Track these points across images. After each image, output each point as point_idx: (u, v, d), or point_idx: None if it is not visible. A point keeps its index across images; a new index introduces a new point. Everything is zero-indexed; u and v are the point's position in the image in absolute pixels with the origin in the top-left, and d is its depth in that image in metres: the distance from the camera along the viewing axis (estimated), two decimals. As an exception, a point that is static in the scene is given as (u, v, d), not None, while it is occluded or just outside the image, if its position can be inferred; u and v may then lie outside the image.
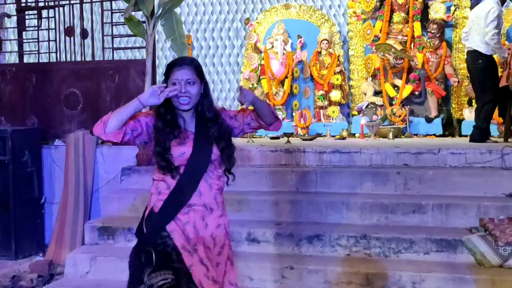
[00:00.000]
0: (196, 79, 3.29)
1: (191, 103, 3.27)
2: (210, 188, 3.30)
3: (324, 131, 10.59)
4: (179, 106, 3.27)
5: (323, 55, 11.76)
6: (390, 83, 10.92)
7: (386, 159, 6.36)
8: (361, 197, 5.77)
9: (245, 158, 6.65)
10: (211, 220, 3.31)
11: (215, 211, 3.33)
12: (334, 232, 5.27)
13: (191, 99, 3.26)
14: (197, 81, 3.29)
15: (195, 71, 3.29)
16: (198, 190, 3.26)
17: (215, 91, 12.78)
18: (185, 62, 3.31)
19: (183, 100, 3.24)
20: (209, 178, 3.29)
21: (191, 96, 3.25)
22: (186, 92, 3.23)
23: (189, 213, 3.25)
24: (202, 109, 3.34)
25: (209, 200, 3.30)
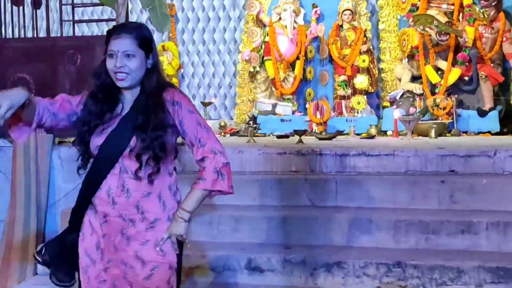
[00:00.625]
0: (138, 50, 3.30)
1: (129, 79, 3.30)
2: (127, 193, 3.32)
3: (346, 127, 10.61)
4: (116, 82, 3.32)
5: (346, 30, 11.79)
6: (432, 66, 10.93)
7: (427, 164, 6.35)
8: (394, 213, 5.76)
9: (244, 163, 6.64)
10: (133, 234, 3.35)
11: (139, 223, 3.35)
12: (360, 258, 5.25)
13: (130, 75, 3.29)
14: (139, 53, 3.31)
15: (136, 40, 3.31)
16: (111, 196, 3.33)
17: (206, 76, 12.81)
18: (123, 30, 3.33)
19: (119, 76, 3.29)
20: (127, 179, 3.31)
21: (129, 72, 3.28)
22: (123, 66, 3.27)
23: (104, 224, 3.37)
24: (144, 88, 3.37)
25: (127, 209, 3.33)
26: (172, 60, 12.21)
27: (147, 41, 3.37)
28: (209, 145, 3.31)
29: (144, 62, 3.33)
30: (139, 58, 3.31)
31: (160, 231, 3.36)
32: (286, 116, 11.47)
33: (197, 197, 3.34)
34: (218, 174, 3.31)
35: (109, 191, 3.32)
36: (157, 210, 3.37)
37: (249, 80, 12.38)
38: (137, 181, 3.31)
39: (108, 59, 3.30)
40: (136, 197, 3.32)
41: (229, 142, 8.68)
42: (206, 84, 13.00)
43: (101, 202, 3.35)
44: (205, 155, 3.29)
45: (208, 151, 3.29)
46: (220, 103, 12.96)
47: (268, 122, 11.16)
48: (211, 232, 5.80)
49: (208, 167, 3.29)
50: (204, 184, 3.29)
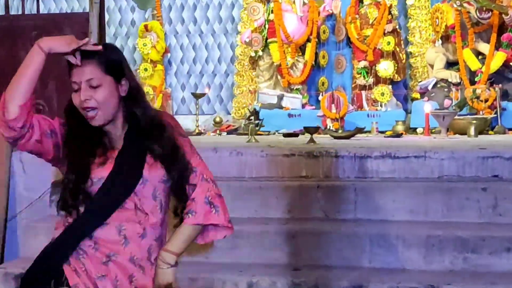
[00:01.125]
0: (104, 77, 3.23)
1: (100, 115, 3.24)
2: (144, 232, 3.32)
3: (368, 124, 10.62)
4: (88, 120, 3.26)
5: (367, 6, 11.81)
6: (472, 49, 10.94)
7: (465, 168, 6.36)
8: (426, 227, 5.77)
9: (243, 167, 6.65)
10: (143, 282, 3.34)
11: (148, 271, 3.35)
12: (384, 282, 5.27)
13: (99, 109, 3.23)
14: (107, 81, 3.24)
15: (99, 66, 3.23)
16: (122, 234, 3.29)
17: (198, 62, 12.83)
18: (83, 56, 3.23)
19: (88, 113, 3.22)
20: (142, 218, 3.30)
21: (97, 106, 3.21)
22: (88, 99, 3.21)
23: (108, 264, 3.28)
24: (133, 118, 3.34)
25: (139, 252, 3.32)
26: (157, 43, 12.23)
27: (115, 64, 3.29)
28: (201, 171, 3.34)
29: (116, 90, 3.27)
30: (108, 87, 3.24)
31: None
32: (294, 111, 11.50)
33: (186, 236, 3.35)
34: (210, 205, 3.30)
35: (120, 226, 3.28)
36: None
37: (249, 67, 12.42)
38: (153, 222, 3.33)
39: (73, 95, 3.25)
40: (150, 238, 3.33)
41: (226, 141, 8.70)
42: (197, 71, 13.04)
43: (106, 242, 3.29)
44: (195, 183, 3.31)
45: (198, 177, 3.32)
46: (214, 94, 12.99)
47: (272, 117, 11.17)
48: (204, 250, 5.82)
49: (198, 197, 3.29)
50: (195, 218, 3.29)
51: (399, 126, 10.24)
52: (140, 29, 12.36)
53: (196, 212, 3.27)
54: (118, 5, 12.83)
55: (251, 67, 12.40)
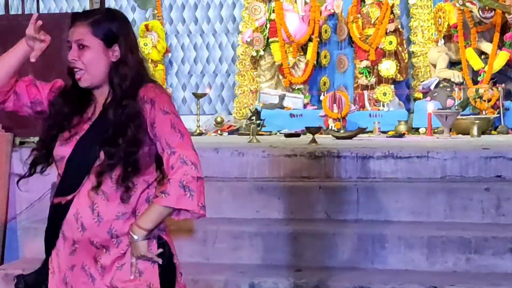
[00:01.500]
0: (93, 40, 3.27)
1: (86, 77, 3.29)
2: (98, 217, 3.30)
3: (370, 124, 10.63)
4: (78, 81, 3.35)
5: (369, 5, 11.82)
6: (474, 49, 10.95)
7: (468, 168, 6.36)
8: (428, 228, 5.77)
9: (245, 168, 6.65)
10: (108, 260, 3.35)
11: (113, 248, 3.35)
12: (387, 282, 5.27)
13: (85, 71, 3.27)
14: (96, 43, 3.27)
15: (91, 28, 3.27)
16: (79, 221, 3.30)
17: (199, 62, 12.83)
18: (78, 17, 3.33)
19: (77, 73, 3.29)
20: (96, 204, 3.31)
21: (83, 67, 3.27)
22: (75, 59, 3.28)
23: (74, 253, 3.35)
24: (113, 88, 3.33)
25: (99, 235, 3.32)
26: (158, 43, 12.24)
27: (108, 29, 3.31)
28: (180, 152, 3.24)
29: (104, 54, 3.29)
30: (95, 49, 3.27)
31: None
32: (296, 111, 11.50)
33: (157, 214, 3.31)
34: (184, 189, 3.21)
35: (76, 214, 3.30)
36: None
37: (251, 66, 12.43)
38: (108, 202, 3.30)
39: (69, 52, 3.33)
40: (108, 220, 3.31)
41: (227, 141, 8.69)
42: (198, 71, 13.05)
43: (69, 227, 3.33)
44: (173, 164, 3.23)
45: (177, 159, 3.23)
46: (216, 94, 13.00)
47: (274, 117, 11.18)
48: (205, 251, 5.82)
49: (174, 179, 3.21)
50: (167, 199, 3.23)
51: (402, 126, 10.24)
52: (140, 29, 12.37)
53: (169, 195, 3.20)
54: (118, 4, 12.84)
55: (252, 67, 12.40)
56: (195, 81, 12.97)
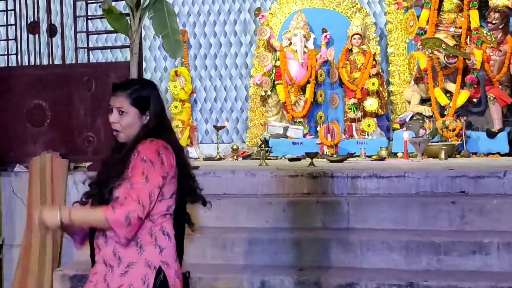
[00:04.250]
0: (130, 108, 3.37)
1: (122, 136, 3.40)
2: (105, 240, 3.33)
3: (357, 150, 10.60)
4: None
5: (355, 54, 11.81)
6: (441, 88, 10.93)
7: (438, 185, 6.32)
8: (406, 234, 5.73)
9: (256, 186, 6.62)
10: (111, 280, 3.33)
11: (116, 268, 3.32)
12: (373, 280, 5.22)
13: (121, 132, 3.39)
14: (131, 109, 3.37)
15: (127, 98, 3.37)
16: (97, 243, 3.38)
17: (218, 100, 12.82)
18: (118, 87, 3.41)
19: (114, 131, 3.43)
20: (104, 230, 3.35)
21: (119, 129, 3.39)
22: (115, 122, 3.38)
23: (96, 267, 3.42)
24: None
25: (108, 255, 3.34)
26: (185, 85, 12.24)
27: (141, 99, 3.39)
28: (138, 193, 3.18)
29: (139, 119, 3.38)
30: (132, 116, 3.37)
31: (134, 276, 3.29)
32: (297, 139, 11.47)
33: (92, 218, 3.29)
34: (126, 220, 3.16)
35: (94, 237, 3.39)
36: (132, 255, 3.31)
37: (260, 104, 12.41)
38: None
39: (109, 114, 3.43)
40: (112, 243, 3.31)
41: (242, 165, 8.67)
42: (218, 108, 13.03)
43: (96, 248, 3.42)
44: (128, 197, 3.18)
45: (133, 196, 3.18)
46: (232, 126, 12.97)
47: (279, 145, 11.15)
48: (224, 255, 5.78)
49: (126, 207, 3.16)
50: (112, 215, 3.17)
51: (383, 151, 10.20)
52: (171, 74, 12.38)
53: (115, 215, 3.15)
54: (153, 55, 12.86)
55: (261, 104, 12.39)
56: (215, 116, 12.95)
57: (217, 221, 6.14)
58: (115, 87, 3.42)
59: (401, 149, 10.05)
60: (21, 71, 7.81)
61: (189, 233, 3.64)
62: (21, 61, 7.96)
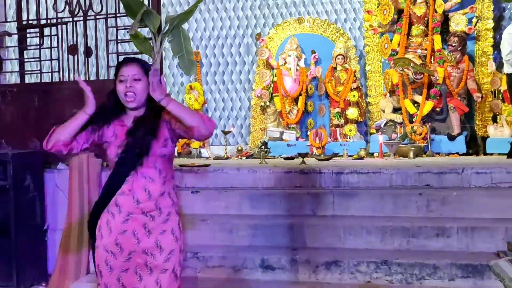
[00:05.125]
0: (143, 76, 3.38)
1: (136, 100, 3.38)
2: (148, 196, 3.35)
3: (340, 150, 10.58)
4: (125, 103, 3.40)
5: (339, 71, 11.78)
6: (410, 99, 10.91)
7: (407, 180, 6.32)
8: (381, 220, 5.74)
9: (257, 180, 6.63)
10: (154, 226, 3.38)
11: (157, 217, 3.39)
12: (353, 258, 5.23)
13: (137, 96, 3.37)
14: (144, 78, 3.38)
15: (141, 68, 3.40)
16: (136, 198, 3.33)
17: (226, 110, 12.82)
18: (131, 60, 3.45)
19: (129, 96, 3.36)
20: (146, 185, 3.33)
21: (136, 93, 3.36)
22: (132, 87, 3.34)
23: (127, 222, 3.36)
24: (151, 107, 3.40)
25: (148, 207, 3.37)
26: (198, 97, 12.22)
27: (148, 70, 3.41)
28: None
29: (147, 87, 3.34)
30: (144, 82, 3.36)
31: (172, 222, 3.42)
32: (291, 142, 11.44)
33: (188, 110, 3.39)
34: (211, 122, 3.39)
35: (132, 192, 3.34)
36: (169, 205, 3.42)
37: (260, 112, 12.37)
38: (153, 182, 3.35)
39: (119, 84, 3.39)
40: (155, 196, 3.35)
41: (245, 163, 8.67)
42: (226, 116, 13.01)
43: (126, 203, 3.35)
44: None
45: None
46: (237, 131, 12.95)
47: (276, 146, 11.14)
48: (231, 237, 5.79)
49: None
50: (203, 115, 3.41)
51: (362, 152, 10.18)
52: (186, 88, 12.36)
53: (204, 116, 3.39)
54: (172, 72, 12.85)
55: (261, 113, 12.35)
56: (223, 123, 12.92)
57: (224, 210, 6.15)
58: (126, 60, 3.44)
59: (377, 149, 10.04)
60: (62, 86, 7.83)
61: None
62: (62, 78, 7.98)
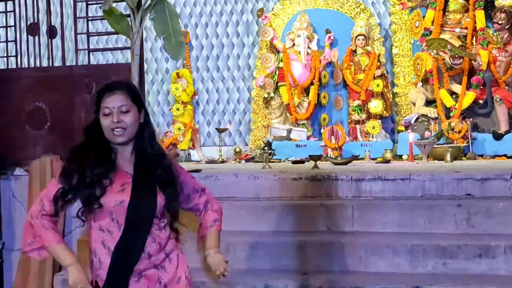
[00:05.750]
0: (132, 105, 3.40)
1: (126, 134, 3.39)
2: (159, 246, 3.44)
3: (361, 152, 10.58)
4: (113, 139, 3.40)
5: (359, 55, 11.80)
6: (447, 90, 10.92)
7: (443, 188, 6.31)
8: (411, 237, 5.72)
9: (259, 189, 6.62)
10: (168, 277, 3.47)
11: (169, 267, 3.48)
12: (378, 283, 5.22)
13: (126, 130, 3.38)
14: (133, 108, 3.41)
15: (129, 96, 3.41)
16: (147, 252, 3.40)
17: (220, 102, 12.83)
18: (117, 87, 3.42)
19: (116, 132, 3.37)
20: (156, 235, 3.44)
21: (125, 127, 3.37)
22: (120, 122, 3.35)
23: (140, 280, 3.40)
24: (141, 144, 3.47)
25: (160, 258, 3.45)
26: (187, 87, 12.23)
27: (138, 97, 3.46)
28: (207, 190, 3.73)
29: (138, 117, 3.42)
30: (134, 113, 3.40)
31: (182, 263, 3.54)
32: (301, 142, 11.46)
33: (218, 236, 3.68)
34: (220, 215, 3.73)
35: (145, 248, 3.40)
36: (173, 247, 3.54)
37: (263, 106, 12.40)
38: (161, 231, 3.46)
39: (103, 118, 3.38)
40: (164, 244, 3.45)
41: (244, 168, 8.66)
42: (220, 110, 13.03)
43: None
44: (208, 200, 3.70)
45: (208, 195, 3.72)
46: (234, 129, 12.96)
47: (283, 147, 11.15)
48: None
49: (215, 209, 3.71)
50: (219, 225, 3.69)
51: (388, 154, 10.19)
52: (173, 76, 12.38)
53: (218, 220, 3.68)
54: (154, 56, 12.87)
55: (264, 106, 12.38)
56: (218, 119, 12.95)
57: (219, 225, 6.14)
58: (110, 88, 3.41)
59: (406, 151, 10.04)
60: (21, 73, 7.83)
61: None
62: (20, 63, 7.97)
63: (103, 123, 3.37)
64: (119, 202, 3.32)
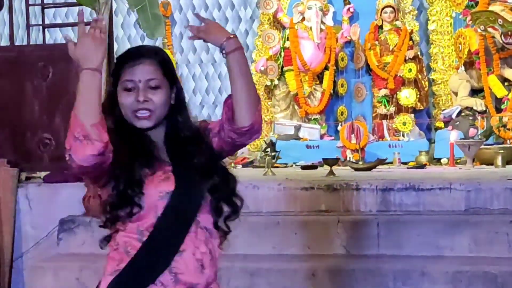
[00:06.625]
0: (163, 80, 3.15)
1: (153, 117, 3.13)
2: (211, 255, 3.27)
3: (389, 155, 10.61)
4: (134, 122, 3.15)
5: (386, 32, 11.83)
6: (497, 76, 10.93)
7: (493, 200, 6.33)
8: (452, 262, 5.74)
9: (260, 202, 6.64)
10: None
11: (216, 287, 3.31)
12: (410, 320, 5.25)
13: (154, 112, 3.13)
14: (164, 84, 3.16)
15: (160, 67, 3.16)
16: (199, 261, 3.23)
17: (210, 92, 12.86)
18: (144, 54, 3.17)
19: (141, 113, 3.10)
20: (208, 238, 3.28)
21: (153, 108, 3.12)
22: (147, 101, 3.11)
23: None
24: (175, 127, 3.28)
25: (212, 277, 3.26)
26: (168, 73, 12.26)
27: (171, 69, 3.26)
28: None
29: (169, 97, 3.21)
30: (165, 91, 3.18)
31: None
32: (312, 142, 11.50)
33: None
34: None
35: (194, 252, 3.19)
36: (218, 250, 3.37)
37: (265, 96, 12.43)
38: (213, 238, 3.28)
39: (123, 93, 3.13)
40: (216, 258, 3.29)
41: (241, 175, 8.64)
42: (211, 102, 13.06)
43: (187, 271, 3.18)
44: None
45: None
46: (229, 126, 12.98)
47: (290, 149, 11.17)
48: (220, 290, 5.80)
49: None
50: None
51: (423, 157, 10.22)
52: (149, 58, 12.41)
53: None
54: (127, 34, 12.90)
55: (266, 96, 12.41)
56: (207, 112, 12.98)
57: (209, 247, 6.16)
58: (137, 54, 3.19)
59: (446, 153, 10.07)
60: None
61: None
62: (-43, 42, 7.98)
63: (123, 101, 3.12)
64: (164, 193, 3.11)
